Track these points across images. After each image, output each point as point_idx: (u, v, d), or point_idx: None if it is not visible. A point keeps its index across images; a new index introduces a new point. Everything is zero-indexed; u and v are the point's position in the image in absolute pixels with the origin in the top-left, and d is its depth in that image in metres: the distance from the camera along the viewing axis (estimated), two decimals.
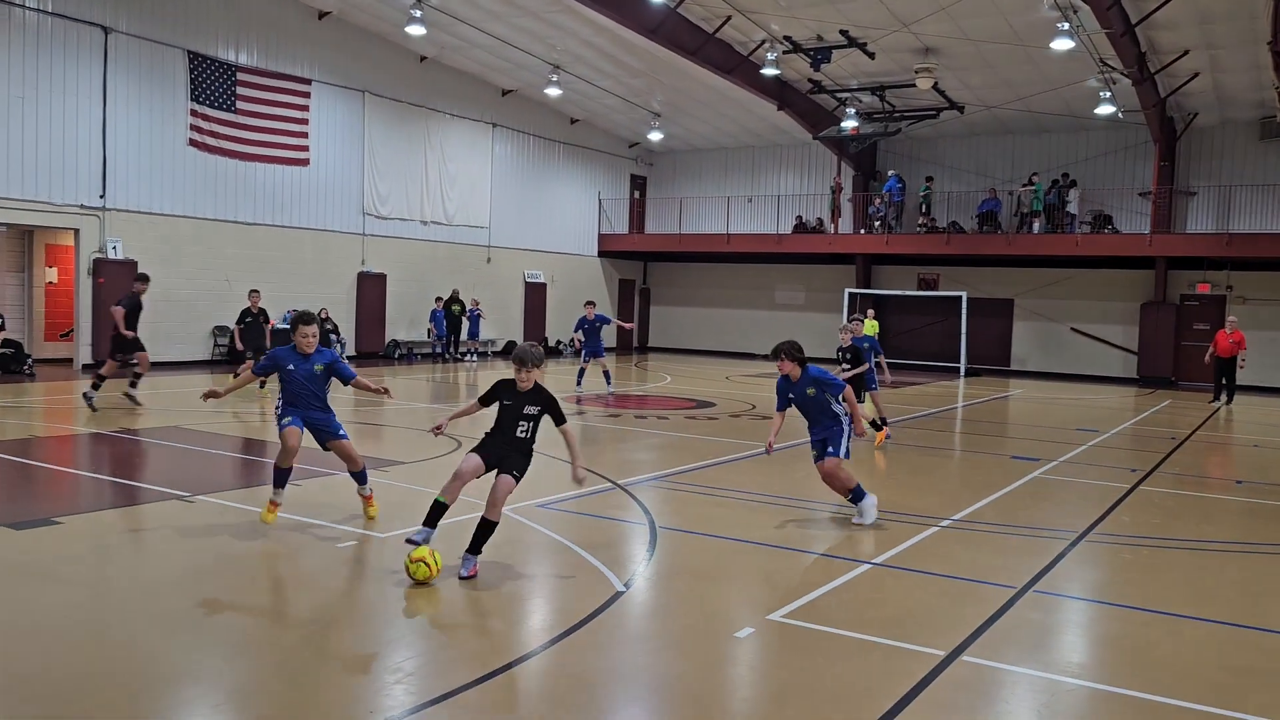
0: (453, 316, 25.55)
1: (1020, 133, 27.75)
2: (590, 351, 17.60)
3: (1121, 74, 20.64)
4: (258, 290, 15.99)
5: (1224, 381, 19.71)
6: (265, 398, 14.72)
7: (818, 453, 7.86)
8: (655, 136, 29.86)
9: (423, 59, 25.01)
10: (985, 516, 8.30)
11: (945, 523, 7.97)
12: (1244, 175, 25.13)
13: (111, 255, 19.40)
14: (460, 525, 6.55)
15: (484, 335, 26.80)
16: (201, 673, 4.55)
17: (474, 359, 25.71)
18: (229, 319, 21.02)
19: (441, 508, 5.98)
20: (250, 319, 15.49)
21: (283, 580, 5.74)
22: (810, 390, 7.72)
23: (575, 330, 18.04)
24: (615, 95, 27.34)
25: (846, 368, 12.43)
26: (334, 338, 22.94)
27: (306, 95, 22.55)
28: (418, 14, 20.07)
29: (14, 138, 17.88)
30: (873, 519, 7.67)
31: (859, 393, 12.41)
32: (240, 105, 21.26)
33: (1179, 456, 12.41)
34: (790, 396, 7.87)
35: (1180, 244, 24.69)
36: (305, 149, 22.64)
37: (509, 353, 28.36)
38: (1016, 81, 23.34)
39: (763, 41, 22.00)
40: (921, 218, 27.87)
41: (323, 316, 22.94)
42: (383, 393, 7.16)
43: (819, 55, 21.73)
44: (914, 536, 7.46)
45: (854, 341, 12.54)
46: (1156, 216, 24.99)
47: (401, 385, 18.51)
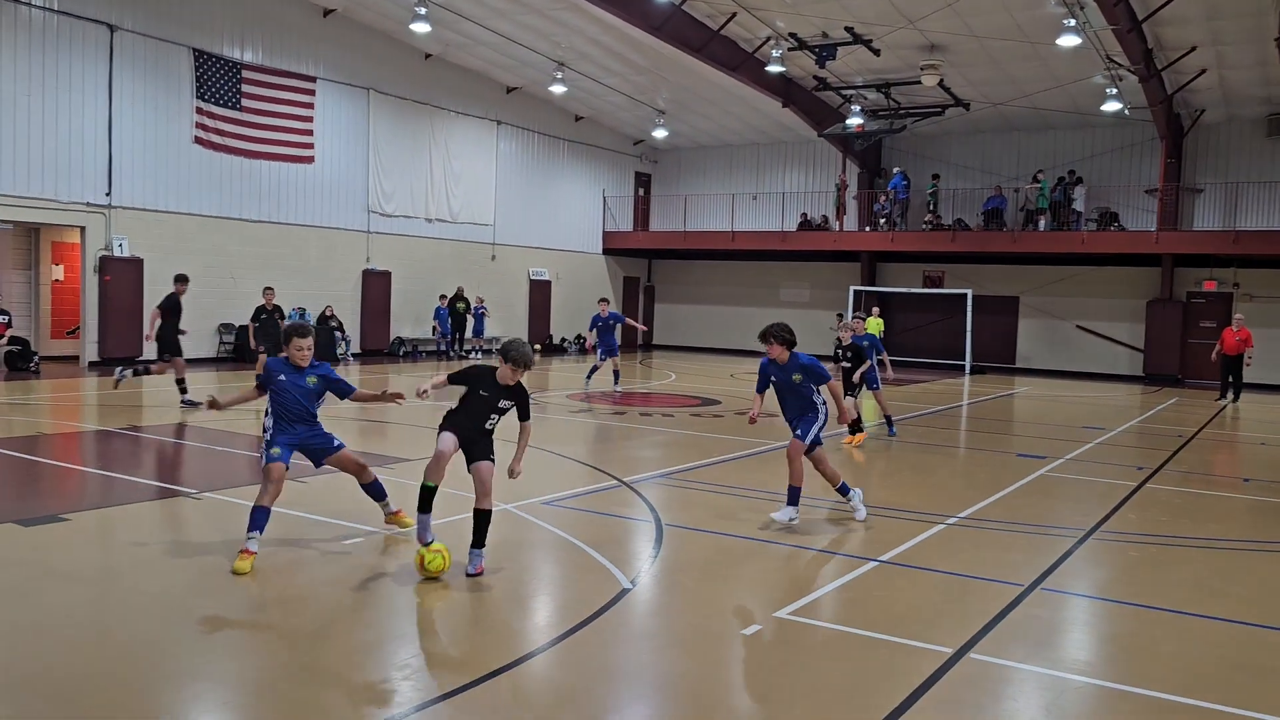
0: (457, 314, 25.56)
1: (1026, 130, 27.67)
2: (606, 350, 17.55)
3: (1128, 70, 20.57)
4: (271, 288, 15.86)
5: (1230, 379, 19.66)
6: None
7: (806, 444, 7.58)
8: (660, 134, 29.83)
9: (427, 56, 25.01)
10: (991, 514, 8.28)
11: (951, 520, 7.96)
12: (1251, 172, 25.04)
13: (117, 253, 19.44)
14: (459, 522, 6.55)
15: (489, 333, 26.80)
16: (208, 670, 4.56)
17: (479, 356, 25.70)
18: (234, 316, 21.09)
19: (431, 491, 6.05)
20: (265, 316, 15.40)
21: (289, 577, 5.75)
22: (796, 377, 7.49)
23: (590, 328, 17.98)
24: (620, 92, 27.32)
25: (847, 366, 12.18)
26: (339, 335, 22.97)
27: (311, 93, 22.56)
28: (422, 11, 20.05)
29: (20, 135, 17.92)
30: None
31: (857, 390, 12.22)
32: (245, 103, 21.28)
33: (1185, 454, 12.38)
34: (772, 379, 7.64)
35: (1187, 241, 24.61)
36: (310, 146, 22.65)
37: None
38: (1022, 78, 23.27)
39: (768, 38, 21.96)
40: (929, 214, 27.82)
41: (328, 314, 22.98)
42: (394, 400, 6.64)
43: (824, 52, 21.69)
44: (920, 534, 7.45)
45: (854, 340, 12.29)
46: (1163, 214, 24.90)
47: (406, 383, 18.52)
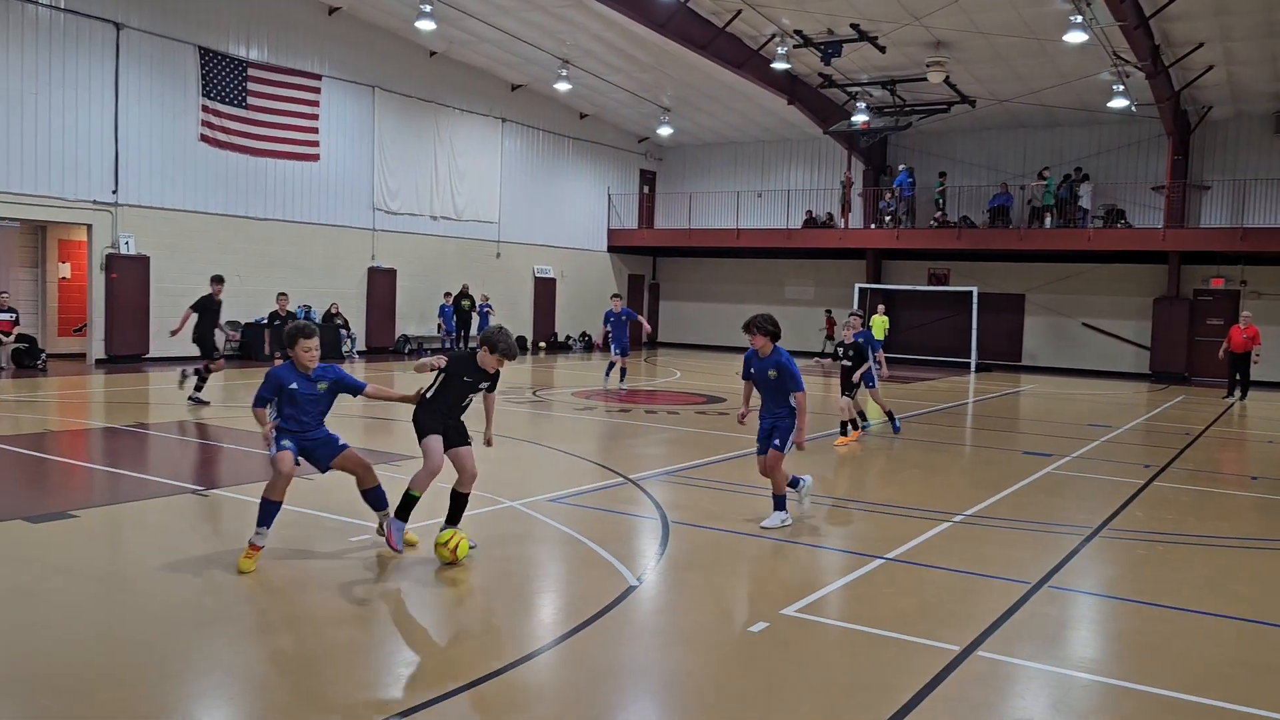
0: (462, 312, 25.56)
1: (1032, 126, 27.59)
2: (619, 346, 17.45)
3: (1135, 67, 20.49)
4: (285, 293, 15.62)
5: (1238, 377, 19.59)
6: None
7: (761, 445, 7.53)
8: (665, 131, 29.79)
9: (432, 54, 25.01)
10: (998, 512, 8.27)
11: (958, 518, 7.95)
12: (1259, 169, 24.94)
13: (124, 250, 19.49)
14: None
15: None
16: (214, 665, 4.57)
17: None
18: (240, 314, 21.10)
19: (416, 500, 6.22)
20: (279, 322, 15.26)
21: (295, 573, 5.76)
22: (771, 373, 7.39)
23: (605, 324, 17.94)
24: (625, 90, 27.30)
25: (848, 364, 12.02)
26: (345, 333, 23.01)
27: (317, 90, 22.58)
28: (427, 9, 20.05)
29: (27, 134, 17.96)
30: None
31: (855, 390, 12.05)
32: (251, 101, 21.31)
33: (1192, 452, 12.34)
34: (752, 370, 7.60)
35: (1194, 238, 24.52)
36: (315, 144, 22.68)
37: (518, 347, 28.41)
38: (1028, 75, 23.20)
39: (773, 35, 21.92)
40: (937, 212, 27.76)
41: (333, 312, 23.01)
42: (414, 401, 6.39)
43: (830, 49, 21.64)
44: (927, 531, 7.44)
45: (855, 337, 12.12)
46: (1170, 211, 24.82)
47: (411, 381, 18.50)
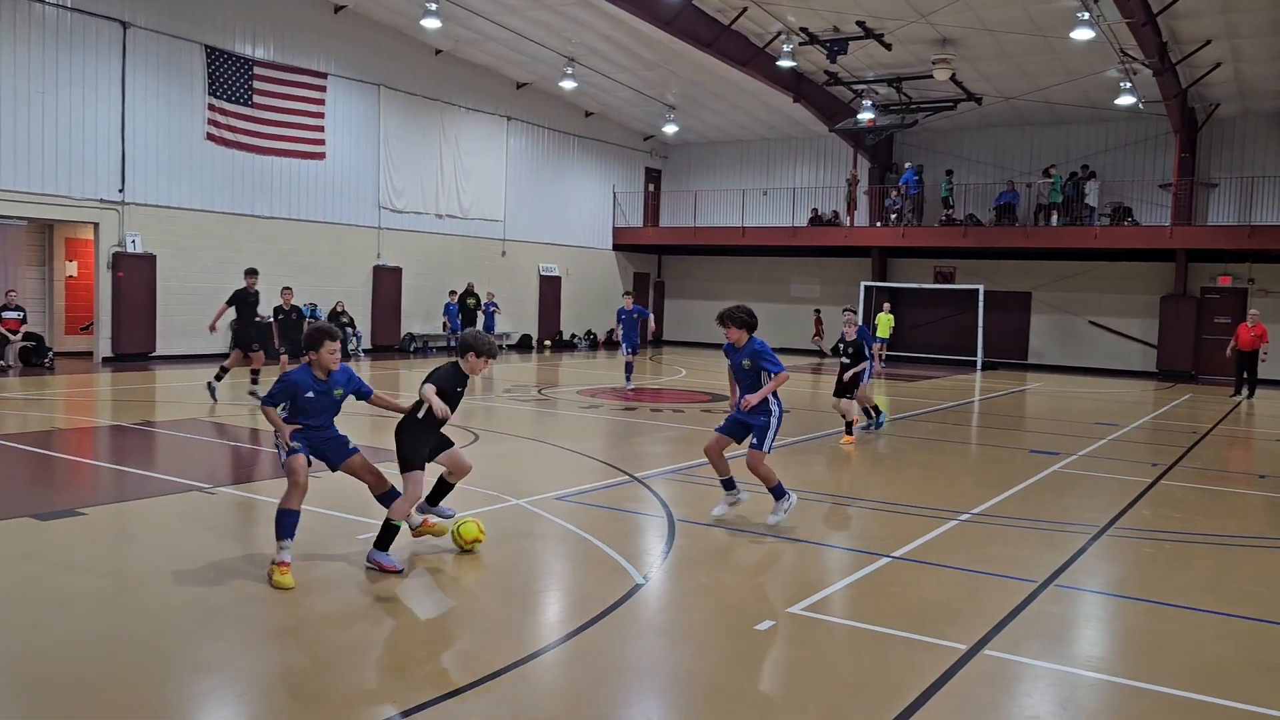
0: (468, 310, 25.56)
1: (1039, 124, 27.52)
2: (630, 344, 17.40)
3: (1142, 64, 20.43)
4: (290, 287, 15.37)
5: (1245, 375, 19.53)
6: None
7: (726, 426, 7.45)
8: (670, 129, 29.78)
9: (438, 52, 25.02)
10: (1005, 510, 8.25)
11: (964, 516, 7.93)
12: (1266, 166, 24.84)
13: (130, 249, 19.54)
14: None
15: (499, 329, 26.84)
16: (222, 663, 4.58)
17: None
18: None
19: (397, 530, 6.04)
20: (283, 316, 14.96)
21: (302, 571, 5.77)
22: (746, 363, 7.35)
23: (617, 322, 17.94)
24: (630, 88, 27.28)
25: (847, 362, 11.91)
26: (350, 331, 23.03)
27: (322, 89, 22.61)
28: (433, 7, 20.06)
29: (34, 132, 18.01)
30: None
31: (853, 391, 11.88)
32: (257, 99, 21.34)
33: (1200, 451, 12.30)
34: (729, 363, 7.57)
35: (1201, 236, 24.44)
36: (321, 143, 22.71)
37: (522, 346, 28.47)
38: (1035, 72, 23.14)
39: (779, 33, 21.89)
40: (945, 210, 27.69)
41: (339, 310, 23.04)
42: (436, 410, 6.22)
43: (835, 47, 21.60)
44: (933, 530, 7.43)
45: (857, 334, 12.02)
46: (1177, 208, 24.75)
47: (418, 379, 18.53)
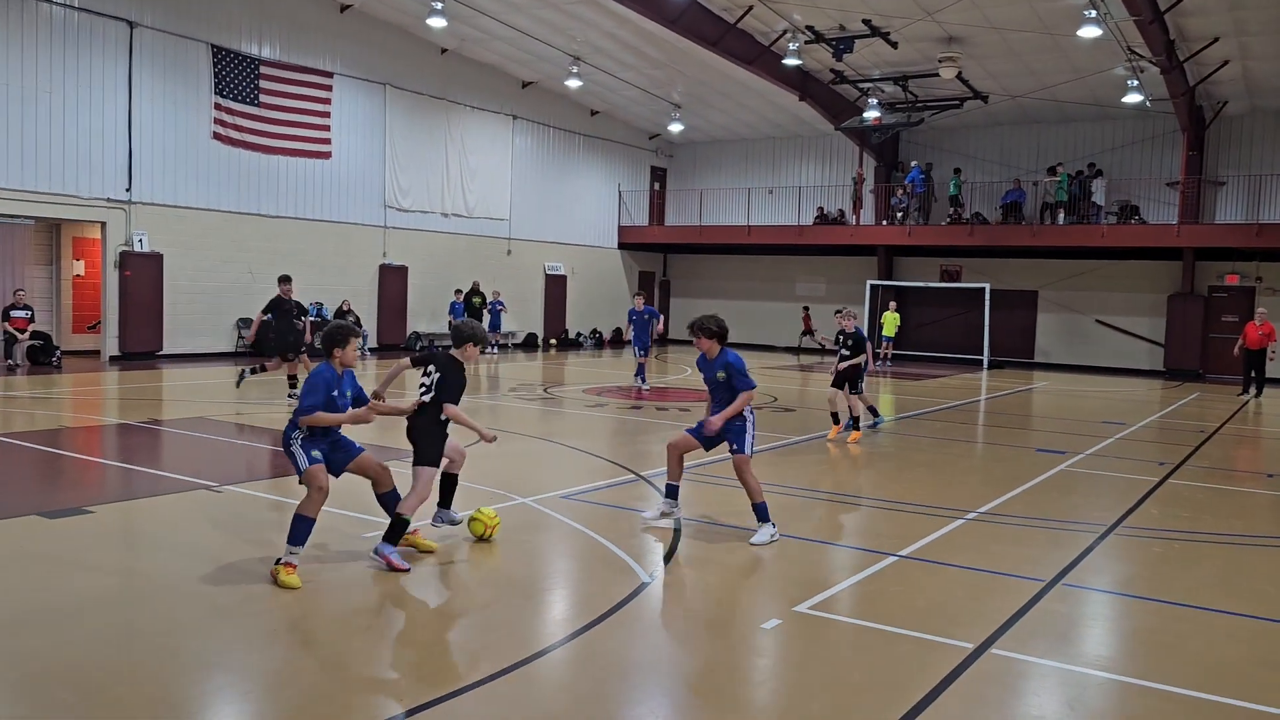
0: (473, 309, 25.57)
1: (1045, 122, 27.44)
2: (641, 345, 17.42)
3: (1150, 62, 20.36)
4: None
5: (1253, 374, 19.46)
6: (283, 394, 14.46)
7: (696, 429, 7.22)
8: (676, 128, 29.76)
9: (444, 51, 25.04)
10: (1012, 509, 8.23)
11: (971, 515, 7.92)
12: (1274, 164, 24.74)
13: (137, 248, 19.59)
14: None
15: (505, 328, 26.86)
16: (230, 662, 4.59)
17: (494, 351, 25.75)
18: (252, 311, 21.14)
19: (407, 524, 6.18)
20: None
21: (309, 570, 5.78)
22: (720, 374, 7.18)
23: (629, 323, 17.95)
24: (636, 87, 27.27)
25: (846, 354, 11.95)
26: None
27: (328, 88, 22.64)
28: (439, 6, 20.06)
29: (41, 132, 18.06)
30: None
31: (860, 386, 11.94)
32: (263, 99, 21.37)
33: (1208, 449, 12.26)
34: (703, 375, 7.41)
35: (1208, 234, 24.35)
36: (327, 142, 22.74)
37: (528, 344, 28.50)
38: (1042, 70, 23.07)
39: (784, 31, 21.86)
40: (952, 209, 27.64)
41: (345, 309, 23.06)
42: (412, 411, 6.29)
43: (841, 45, 21.56)
44: (940, 529, 7.42)
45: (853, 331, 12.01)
46: (1184, 207, 24.65)
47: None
